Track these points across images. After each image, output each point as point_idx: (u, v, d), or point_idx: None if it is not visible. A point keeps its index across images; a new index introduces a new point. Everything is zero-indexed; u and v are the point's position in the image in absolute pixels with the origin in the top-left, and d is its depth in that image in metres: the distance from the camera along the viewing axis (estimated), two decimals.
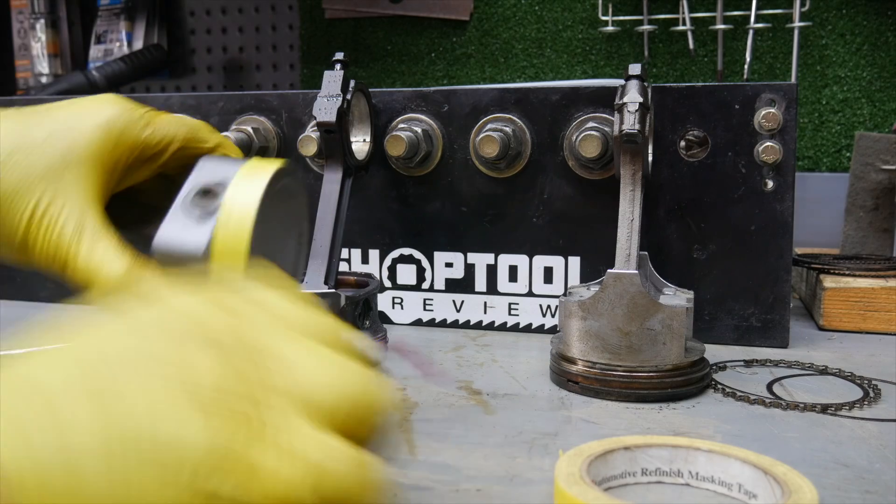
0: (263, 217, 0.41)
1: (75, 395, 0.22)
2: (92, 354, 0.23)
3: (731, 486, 0.38)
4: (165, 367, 0.23)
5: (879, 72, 1.08)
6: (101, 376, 0.22)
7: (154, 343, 0.24)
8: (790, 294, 0.66)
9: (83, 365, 0.23)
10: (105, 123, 0.43)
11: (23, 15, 1.41)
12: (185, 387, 0.23)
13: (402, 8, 1.25)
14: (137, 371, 0.23)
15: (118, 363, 0.23)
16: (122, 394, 0.22)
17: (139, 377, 0.23)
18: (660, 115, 0.65)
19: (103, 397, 0.22)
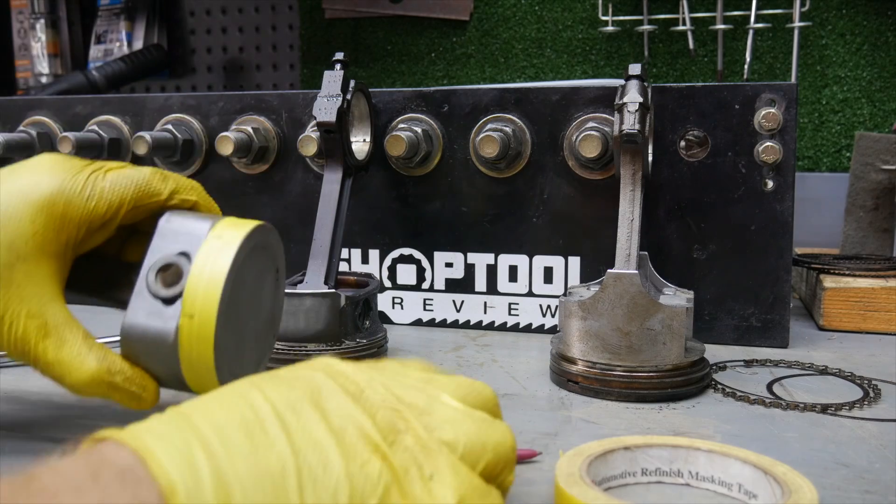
0: (234, 286, 0.40)
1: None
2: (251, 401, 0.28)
3: (731, 486, 0.38)
4: (332, 417, 0.28)
5: (879, 72, 1.07)
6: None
7: (313, 393, 0.29)
8: (790, 294, 0.66)
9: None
10: (46, 205, 0.39)
11: (23, 15, 1.41)
12: (359, 431, 0.28)
13: (402, 8, 1.25)
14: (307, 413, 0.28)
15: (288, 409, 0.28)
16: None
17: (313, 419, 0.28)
18: (660, 115, 0.65)
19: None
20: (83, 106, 0.79)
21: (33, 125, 0.79)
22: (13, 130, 0.79)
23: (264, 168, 0.75)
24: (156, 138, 0.71)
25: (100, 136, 0.75)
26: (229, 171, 0.76)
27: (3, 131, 0.79)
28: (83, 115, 0.79)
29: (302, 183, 0.74)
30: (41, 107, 0.80)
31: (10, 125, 0.81)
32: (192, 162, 0.76)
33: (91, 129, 0.76)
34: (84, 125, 0.78)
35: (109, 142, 0.76)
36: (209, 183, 0.76)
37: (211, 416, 0.27)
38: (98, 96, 0.79)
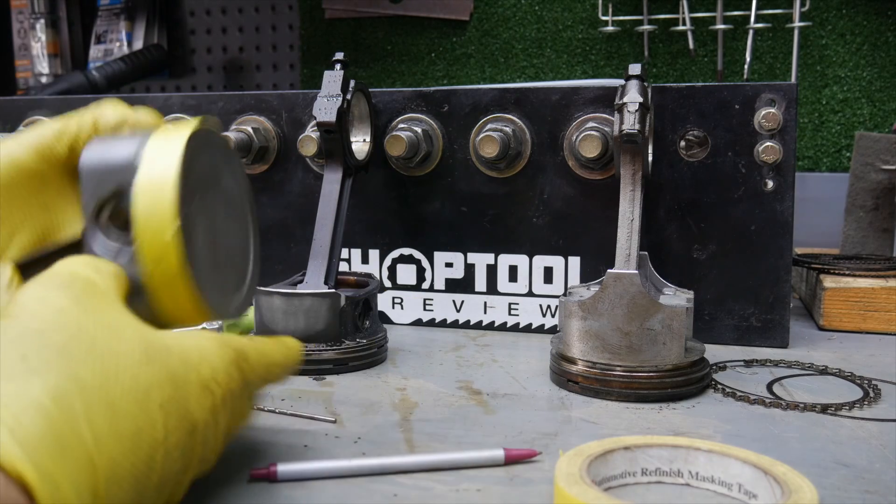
0: (185, 187, 0.35)
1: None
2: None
3: (731, 486, 0.38)
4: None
5: (879, 72, 1.08)
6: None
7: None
8: (790, 294, 0.66)
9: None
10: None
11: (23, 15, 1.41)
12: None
13: (402, 8, 1.25)
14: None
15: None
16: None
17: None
18: (660, 115, 0.65)
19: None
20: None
21: (33, 125, 0.79)
22: (13, 130, 0.79)
23: (264, 168, 0.75)
24: None
25: None
26: None
27: (3, 131, 0.79)
28: None
29: (302, 183, 0.74)
30: (41, 107, 0.80)
31: (10, 125, 0.81)
32: None
33: None
34: None
35: None
36: None
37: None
38: (98, 96, 0.79)
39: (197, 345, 0.34)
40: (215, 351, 0.35)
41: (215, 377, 0.34)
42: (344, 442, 0.45)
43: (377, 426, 0.48)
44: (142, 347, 0.31)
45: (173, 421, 0.31)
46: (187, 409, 0.32)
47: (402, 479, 0.40)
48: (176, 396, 0.31)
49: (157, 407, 0.30)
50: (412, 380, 0.58)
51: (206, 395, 0.33)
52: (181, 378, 0.32)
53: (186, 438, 0.32)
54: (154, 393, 0.30)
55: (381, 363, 0.62)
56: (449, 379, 0.58)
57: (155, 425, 0.30)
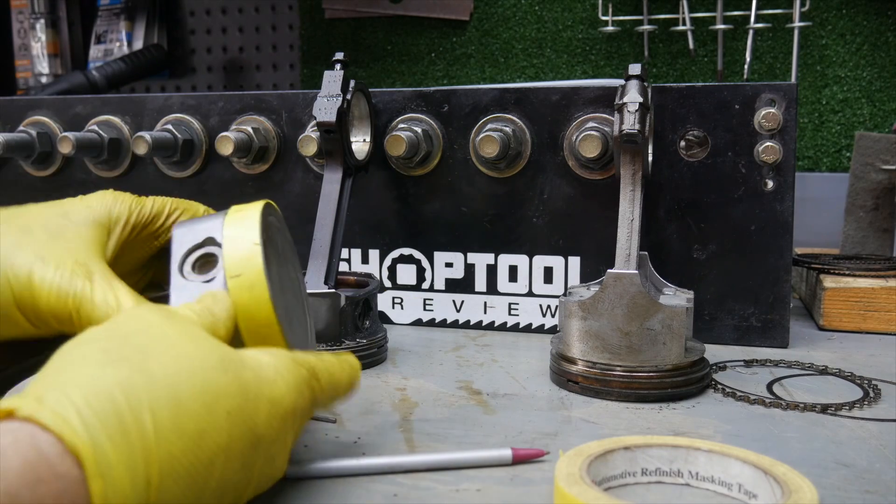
0: (266, 249, 0.39)
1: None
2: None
3: (731, 486, 0.38)
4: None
5: (879, 72, 1.08)
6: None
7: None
8: (790, 294, 0.66)
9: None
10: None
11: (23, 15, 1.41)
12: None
13: (402, 8, 1.25)
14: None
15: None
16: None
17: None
18: (660, 115, 0.65)
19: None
20: (83, 106, 0.79)
21: (33, 125, 0.79)
22: (13, 130, 0.79)
23: (264, 168, 0.75)
24: (156, 138, 0.71)
25: (100, 136, 0.75)
26: (229, 171, 0.76)
27: (3, 131, 0.79)
28: (83, 115, 0.79)
29: (302, 183, 0.74)
30: (41, 107, 0.80)
31: (10, 125, 0.81)
32: (192, 162, 0.76)
33: (91, 129, 0.76)
34: (84, 125, 0.78)
35: (109, 142, 0.76)
36: (209, 183, 0.76)
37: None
38: (98, 96, 0.79)
39: (272, 363, 0.35)
40: (290, 369, 0.36)
41: (288, 395, 0.35)
42: (344, 442, 0.45)
43: (377, 426, 0.48)
44: (217, 356, 0.32)
45: (238, 430, 0.31)
46: (255, 423, 0.32)
47: (402, 479, 0.40)
48: (245, 408, 0.32)
49: (223, 413, 0.31)
50: (412, 380, 0.58)
51: (275, 412, 0.34)
52: (252, 392, 0.33)
53: (250, 451, 0.32)
54: (223, 400, 0.31)
55: (381, 363, 0.62)
56: (449, 379, 0.58)
57: (219, 430, 0.30)
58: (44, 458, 0.25)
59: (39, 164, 0.80)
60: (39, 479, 0.25)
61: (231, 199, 0.74)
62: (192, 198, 0.75)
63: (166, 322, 0.33)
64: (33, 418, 0.26)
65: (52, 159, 0.80)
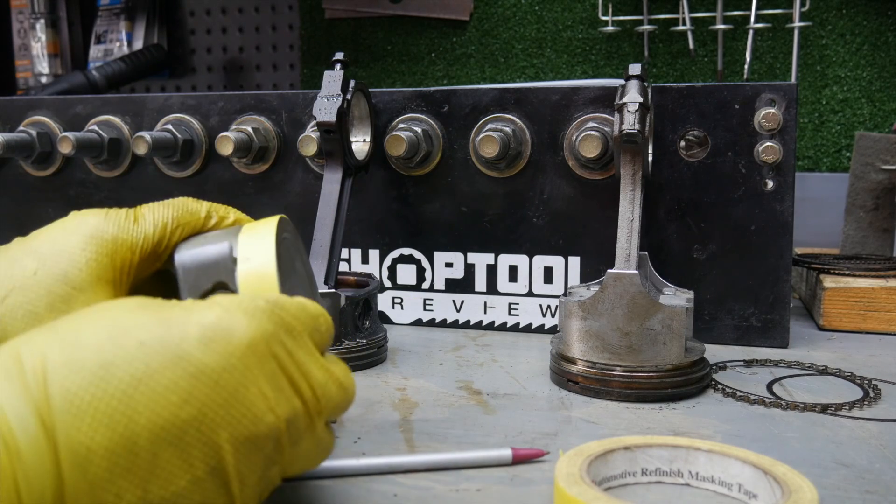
0: (281, 272, 0.37)
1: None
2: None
3: (731, 486, 0.38)
4: None
5: (879, 72, 1.08)
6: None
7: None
8: (790, 294, 0.66)
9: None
10: (95, 233, 0.38)
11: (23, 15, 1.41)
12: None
13: (402, 8, 1.25)
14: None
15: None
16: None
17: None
18: (660, 115, 0.65)
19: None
20: (83, 106, 0.79)
21: (33, 125, 0.79)
22: (13, 130, 0.79)
23: (264, 168, 0.75)
24: (156, 138, 0.71)
25: (100, 136, 0.75)
26: (229, 171, 0.76)
27: (3, 131, 0.79)
28: (83, 115, 0.79)
29: (302, 183, 0.74)
30: (41, 107, 0.80)
31: (10, 125, 0.81)
32: (192, 162, 0.76)
33: (91, 129, 0.76)
34: (84, 125, 0.78)
35: (109, 142, 0.76)
36: (209, 183, 0.76)
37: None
38: (98, 96, 0.79)
39: (208, 301, 0.31)
40: (234, 298, 0.31)
41: (227, 317, 0.30)
42: (344, 442, 0.45)
43: (377, 426, 0.48)
44: (137, 302, 0.30)
45: (160, 359, 0.28)
46: (183, 349, 0.28)
47: (402, 479, 0.40)
48: (167, 337, 0.28)
49: (134, 343, 0.28)
50: (412, 380, 0.58)
51: (214, 335, 0.29)
52: (177, 320, 0.29)
53: (188, 381, 0.28)
54: (134, 331, 0.28)
55: (381, 363, 0.62)
56: (449, 379, 0.58)
57: (131, 360, 0.27)
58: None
59: (39, 164, 0.80)
60: None
61: (231, 199, 0.75)
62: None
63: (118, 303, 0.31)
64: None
65: (52, 159, 0.80)
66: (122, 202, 0.79)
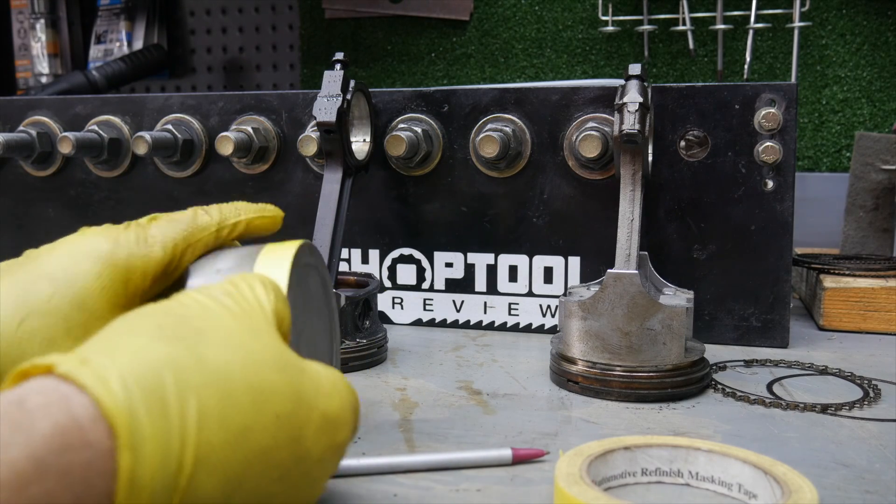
0: (293, 304, 0.36)
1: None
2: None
3: (731, 486, 0.38)
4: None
5: (879, 72, 1.07)
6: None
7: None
8: (790, 294, 0.66)
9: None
10: (107, 259, 0.38)
11: (23, 15, 1.41)
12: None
13: (402, 8, 1.25)
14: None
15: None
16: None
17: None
18: (660, 115, 0.65)
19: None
20: (83, 106, 0.79)
21: (33, 125, 0.79)
22: (13, 130, 0.79)
23: (264, 168, 0.75)
24: (156, 138, 0.71)
25: (100, 136, 0.75)
26: (229, 171, 0.76)
27: (3, 131, 0.79)
28: (83, 115, 0.79)
29: (302, 183, 0.74)
30: (41, 107, 0.80)
31: (10, 125, 0.81)
32: (192, 162, 0.76)
33: (91, 129, 0.76)
34: (84, 125, 0.78)
35: (109, 142, 0.76)
36: (209, 183, 0.76)
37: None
38: (98, 96, 0.79)
39: (331, 377, 0.32)
40: (347, 388, 0.33)
41: (343, 414, 0.32)
42: None
43: (377, 426, 0.48)
44: (275, 353, 0.30)
45: (284, 437, 0.29)
46: (303, 434, 0.30)
47: (402, 479, 0.40)
48: (296, 415, 0.29)
49: (272, 415, 0.29)
50: (412, 380, 0.58)
51: (327, 427, 0.31)
52: (307, 400, 0.30)
53: (292, 463, 0.29)
54: (275, 401, 0.29)
55: (381, 363, 0.62)
56: (449, 379, 0.58)
57: (265, 432, 0.28)
58: (76, 422, 0.24)
59: (39, 164, 0.80)
60: (68, 445, 0.23)
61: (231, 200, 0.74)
62: (192, 198, 0.75)
63: (226, 313, 0.31)
64: (71, 376, 0.25)
65: (52, 159, 0.80)
66: (122, 202, 0.79)
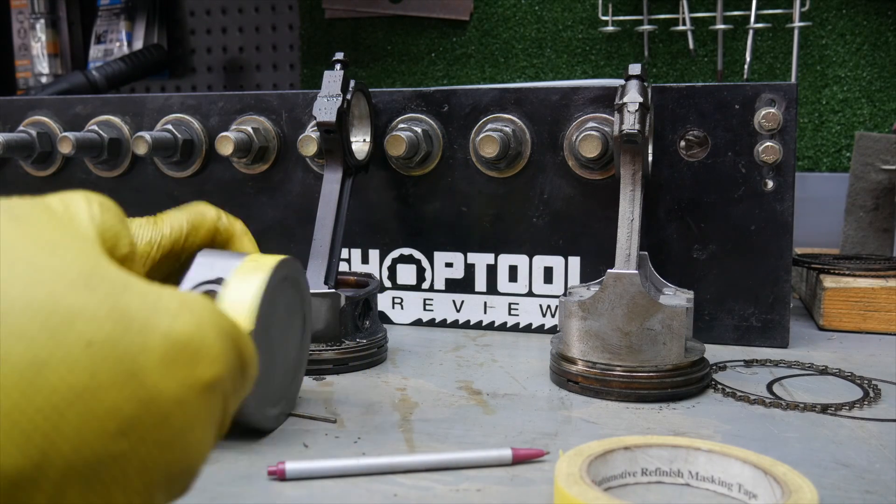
0: (263, 309, 0.40)
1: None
2: None
3: (731, 486, 0.38)
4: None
5: (879, 72, 1.08)
6: None
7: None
8: (790, 294, 0.66)
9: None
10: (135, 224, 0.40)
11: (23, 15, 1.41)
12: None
13: (402, 8, 1.25)
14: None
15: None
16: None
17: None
18: (660, 115, 0.65)
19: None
20: (83, 106, 0.79)
21: (33, 125, 0.79)
22: (13, 130, 0.79)
23: (264, 168, 0.75)
24: (156, 138, 0.71)
25: (100, 136, 0.75)
26: (229, 171, 0.76)
27: (3, 131, 0.79)
28: (83, 115, 0.79)
29: (302, 183, 0.74)
30: (41, 107, 0.80)
31: (10, 125, 0.81)
32: (192, 162, 0.76)
33: (91, 129, 0.76)
34: (84, 125, 0.78)
35: (109, 142, 0.76)
36: (209, 183, 0.76)
37: None
38: (98, 96, 0.79)
39: (179, 296, 0.24)
40: (206, 307, 0.25)
41: (199, 339, 0.24)
42: (344, 442, 0.45)
43: (377, 426, 0.48)
44: (82, 271, 0.22)
45: (109, 373, 0.21)
46: (140, 365, 0.22)
47: (402, 479, 0.40)
48: (122, 341, 0.22)
49: (80, 343, 0.21)
50: (412, 380, 0.58)
51: (178, 358, 0.23)
52: (138, 321, 0.22)
53: (134, 408, 0.22)
54: (80, 324, 0.21)
55: (381, 363, 0.62)
56: (449, 379, 0.58)
57: (72, 366, 0.21)
58: None
59: (39, 164, 0.80)
60: None
61: (231, 199, 0.75)
62: (191, 198, 0.75)
63: (12, 221, 0.23)
64: None
65: (52, 159, 0.80)
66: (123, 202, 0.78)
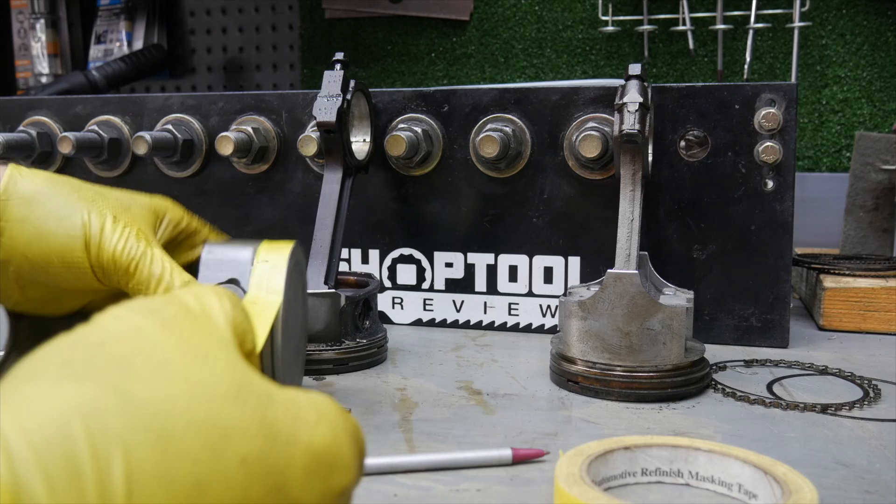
0: (286, 307, 0.39)
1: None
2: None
3: (731, 486, 0.38)
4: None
5: (879, 72, 1.07)
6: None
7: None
8: (790, 294, 0.66)
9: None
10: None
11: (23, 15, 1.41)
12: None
13: (402, 8, 1.25)
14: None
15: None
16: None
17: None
18: (660, 115, 0.65)
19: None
20: (83, 106, 0.79)
21: (33, 125, 0.79)
22: (13, 130, 0.79)
23: (264, 168, 0.75)
24: (156, 138, 0.71)
25: (100, 136, 0.75)
26: (229, 171, 0.76)
27: (3, 131, 0.79)
28: (83, 115, 0.79)
29: (302, 183, 0.74)
30: (41, 107, 0.80)
31: (10, 125, 0.81)
32: (192, 162, 0.76)
33: (91, 129, 0.76)
34: (84, 125, 0.78)
35: (109, 142, 0.76)
36: (209, 183, 0.76)
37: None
38: (98, 96, 0.79)
39: (313, 401, 0.25)
40: (337, 413, 0.25)
41: (336, 449, 0.24)
42: None
43: (377, 426, 0.48)
44: (234, 383, 0.23)
45: (259, 488, 0.22)
46: (285, 479, 0.23)
47: (402, 479, 0.40)
48: (270, 456, 0.22)
49: (236, 460, 0.21)
50: (412, 380, 0.58)
51: (318, 469, 0.24)
52: (284, 435, 0.23)
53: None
54: (237, 441, 0.22)
55: (381, 363, 0.62)
56: (449, 379, 0.58)
57: (229, 484, 0.21)
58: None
59: (39, 165, 0.80)
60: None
61: (231, 199, 0.75)
62: (191, 198, 0.75)
63: (162, 331, 0.24)
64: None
65: (52, 159, 0.80)
66: None
